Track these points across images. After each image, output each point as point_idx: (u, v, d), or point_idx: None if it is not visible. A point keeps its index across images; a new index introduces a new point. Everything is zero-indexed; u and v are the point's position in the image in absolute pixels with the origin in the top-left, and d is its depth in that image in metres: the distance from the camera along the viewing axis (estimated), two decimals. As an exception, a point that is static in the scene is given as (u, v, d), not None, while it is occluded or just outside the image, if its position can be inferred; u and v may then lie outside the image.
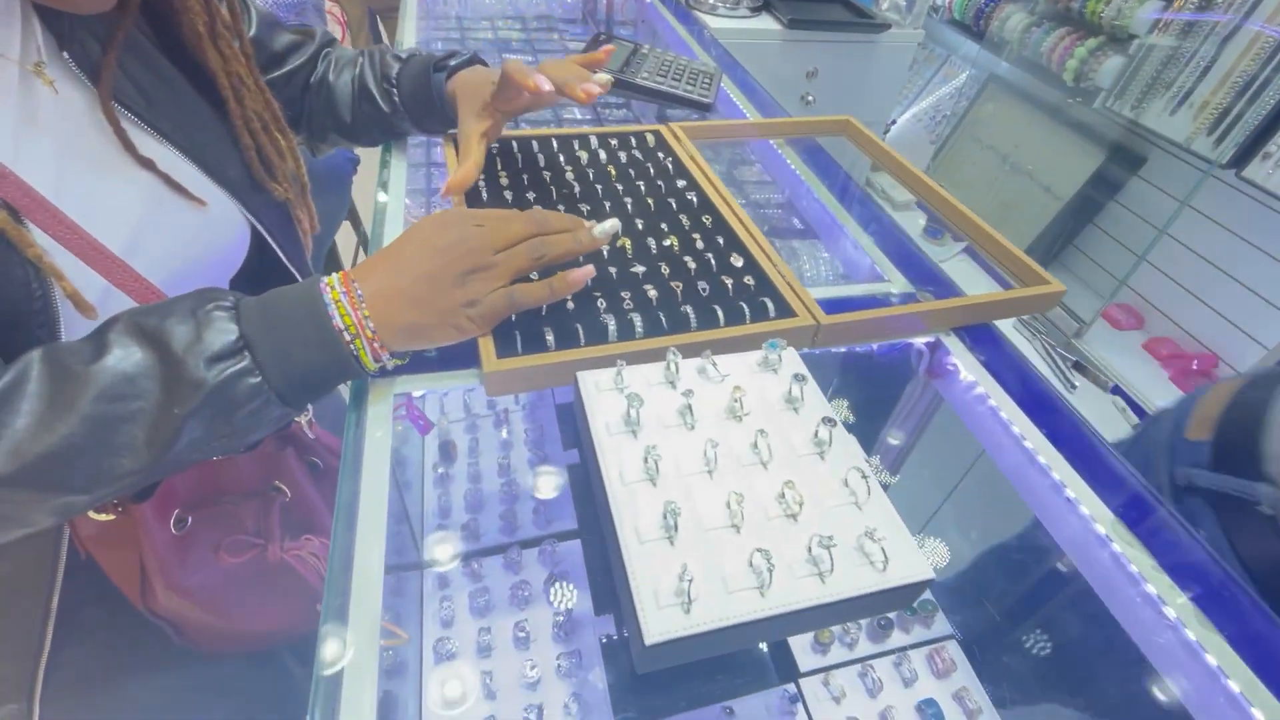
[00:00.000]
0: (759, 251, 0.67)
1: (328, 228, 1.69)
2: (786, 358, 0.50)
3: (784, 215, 1.37)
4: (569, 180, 0.76)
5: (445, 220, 0.49)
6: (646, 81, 1.05)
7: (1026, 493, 0.61)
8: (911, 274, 0.77)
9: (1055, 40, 1.73)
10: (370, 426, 0.50)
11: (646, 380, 0.48)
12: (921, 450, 0.78)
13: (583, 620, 0.70)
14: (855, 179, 1.05)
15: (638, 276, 0.62)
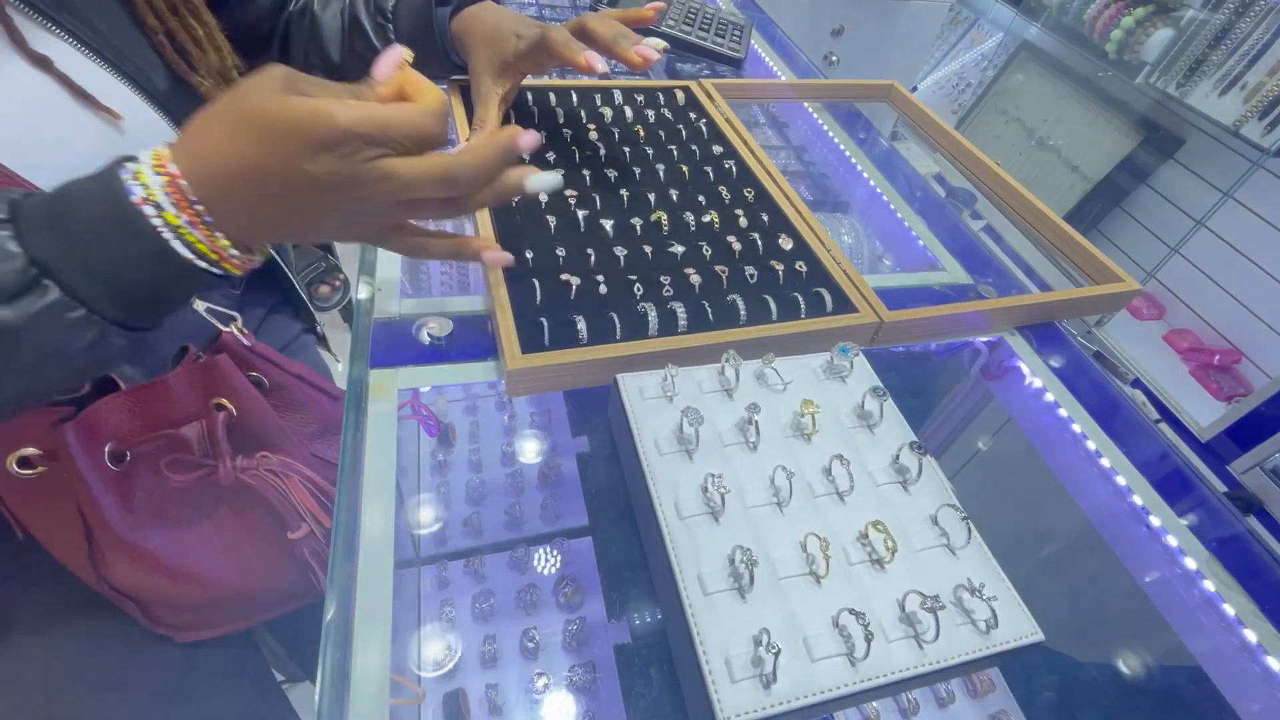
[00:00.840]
0: (809, 233, 0.60)
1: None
2: (858, 365, 0.44)
3: (815, 184, 1.30)
4: (592, 140, 0.68)
5: None
6: (673, 30, 0.96)
7: (1094, 511, 0.56)
8: (967, 262, 0.71)
9: (1100, 8, 1.63)
10: (372, 429, 0.43)
11: (699, 386, 0.42)
12: (972, 456, 0.73)
13: (595, 627, 0.65)
14: (895, 149, 0.97)
15: (676, 258, 0.55)
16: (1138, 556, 0.51)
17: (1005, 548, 0.56)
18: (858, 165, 0.91)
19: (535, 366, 0.43)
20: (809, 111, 1.01)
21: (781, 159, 1.30)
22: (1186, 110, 1.48)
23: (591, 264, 0.53)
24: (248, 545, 0.58)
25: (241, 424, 0.58)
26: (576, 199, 0.58)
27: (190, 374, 0.55)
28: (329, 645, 0.34)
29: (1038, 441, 0.60)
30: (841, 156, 0.95)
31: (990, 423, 0.71)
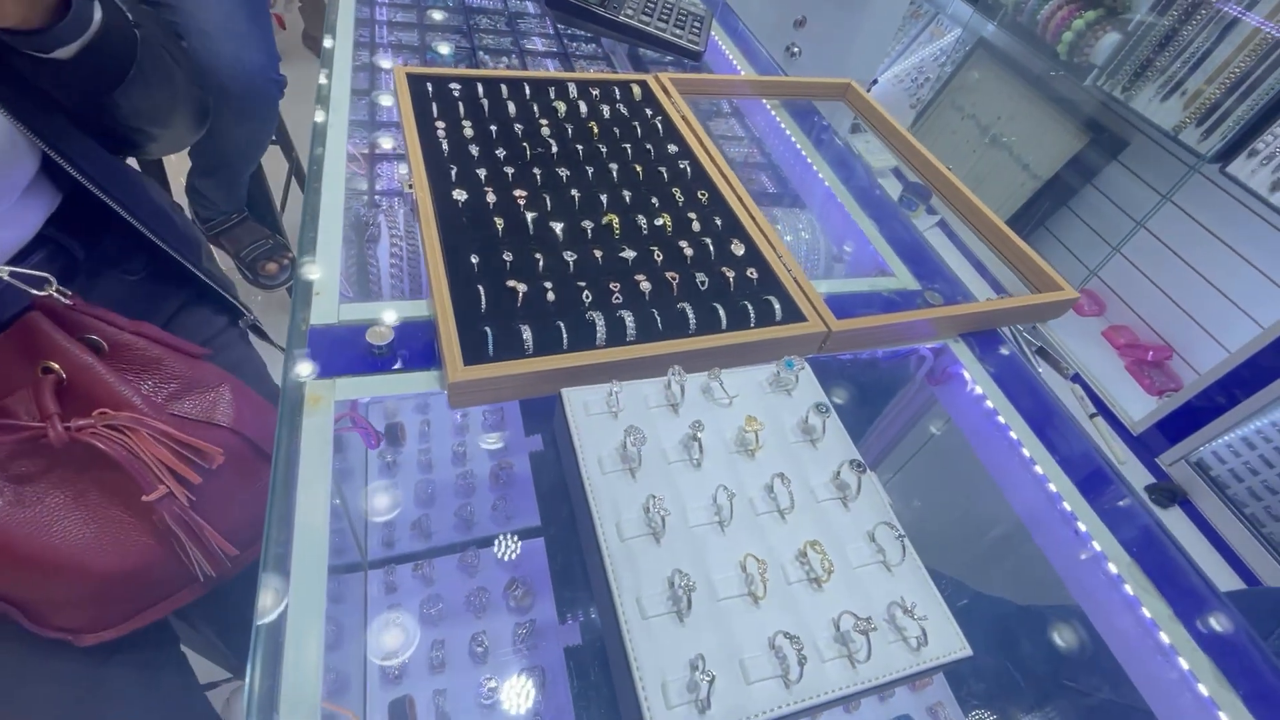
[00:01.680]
0: (761, 239, 0.61)
1: (248, 155, 1.52)
2: (803, 379, 0.45)
3: (771, 178, 1.31)
4: (545, 136, 0.67)
5: None
6: (631, 20, 0.94)
7: (1028, 515, 0.58)
8: (915, 268, 0.72)
9: (1053, 9, 1.68)
10: (307, 443, 0.41)
11: (644, 401, 0.42)
12: (913, 460, 0.75)
13: (545, 629, 0.66)
14: (850, 145, 0.98)
15: (627, 263, 0.55)
16: (1066, 559, 0.54)
17: (941, 550, 0.58)
18: (812, 164, 0.92)
19: (478, 379, 0.42)
20: (767, 106, 1.02)
21: (738, 150, 1.31)
22: (1131, 114, 1.55)
23: (540, 269, 0.52)
24: (112, 518, 0.54)
25: (76, 386, 0.54)
26: (526, 200, 0.57)
27: (4, 342, 0.51)
28: (256, 675, 0.33)
29: (978, 445, 0.62)
30: (796, 153, 0.95)
31: (933, 427, 0.73)
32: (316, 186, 0.59)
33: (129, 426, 0.52)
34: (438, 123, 0.63)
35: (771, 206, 1.23)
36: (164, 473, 0.53)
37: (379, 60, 1.16)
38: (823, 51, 1.79)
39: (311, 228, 0.55)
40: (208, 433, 0.59)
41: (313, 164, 0.62)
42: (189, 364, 0.61)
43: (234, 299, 0.80)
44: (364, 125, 1.03)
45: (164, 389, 0.59)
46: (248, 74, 1.27)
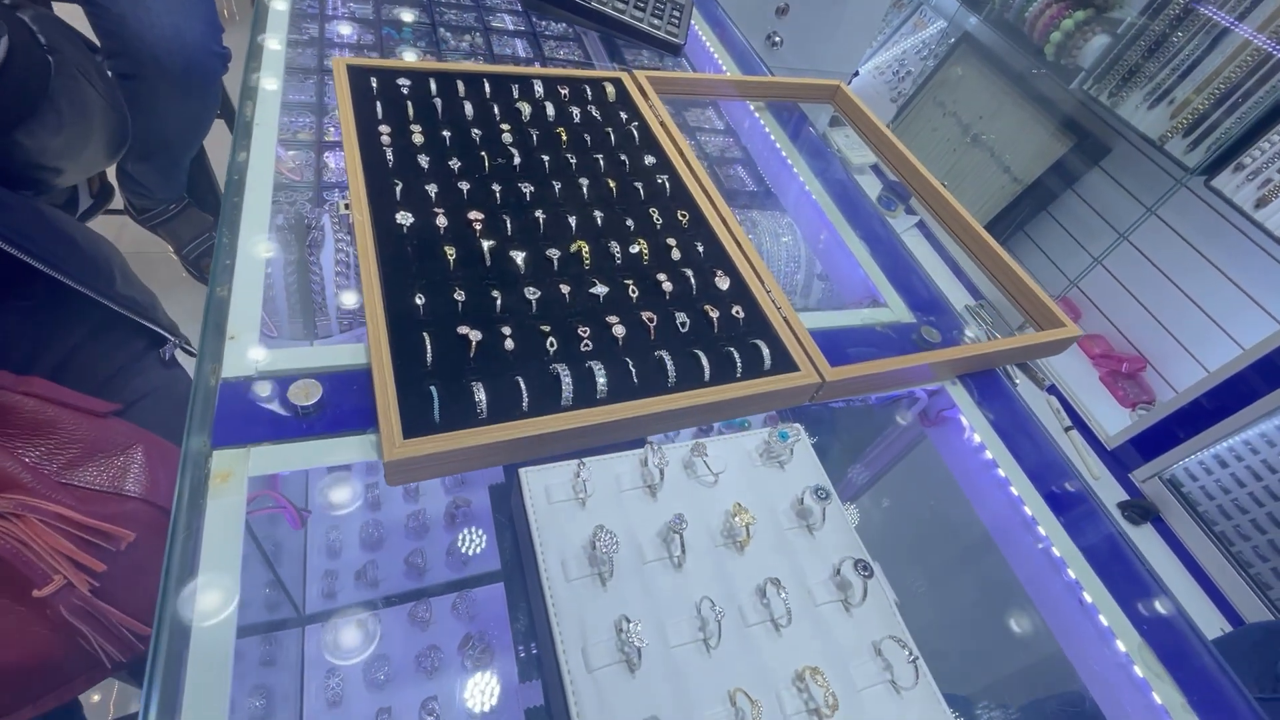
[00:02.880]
0: (748, 270, 0.55)
1: (189, 137, 1.40)
2: (799, 453, 0.40)
3: (746, 174, 1.26)
4: (506, 145, 0.60)
5: None
6: (605, 7, 0.87)
7: (1030, 581, 0.55)
8: (910, 297, 0.68)
9: (1041, 7, 1.65)
10: (211, 529, 0.35)
11: (617, 482, 0.37)
12: (903, 504, 0.72)
13: (505, 690, 0.60)
14: (829, 140, 0.94)
15: (598, 301, 0.49)
16: (1057, 612, 0.51)
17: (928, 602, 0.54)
18: (792, 164, 0.87)
19: (421, 456, 0.36)
20: (748, 104, 0.96)
21: (714, 142, 1.25)
22: (1116, 120, 1.54)
23: (497, 310, 0.46)
24: (1, 609, 0.48)
25: None
26: (483, 224, 0.51)
27: None
28: None
29: (974, 497, 0.59)
30: (774, 149, 0.90)
31: (925, 471, 0.70)
32: (237, 201, 0.52)
33: (15, 514, 0.45)
34: (382, 127, 0.56)
35: (750, 209, 1.18)
36: (61, 562, 0.47)
37: (333, 30, 1.07)
38: (805, 41, 1.74)
39: (228, 253, 0.48)
40: (115, 505, 0.53)
41: (233, 172, 0.54)
42: (92, 423, 0.54)
43: (153, 323, 0.72)
44: (308, 108, 0.94)
45: (59, 456, 0.52)
46: (186, 47, 1.16)
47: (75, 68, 0.55)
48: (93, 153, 0.65)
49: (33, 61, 0.51)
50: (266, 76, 0.63)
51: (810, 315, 0.61)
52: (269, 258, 0.51)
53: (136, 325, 0.70)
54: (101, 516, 0.53)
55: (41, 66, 0.52)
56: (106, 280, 0.68)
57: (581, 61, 1.19)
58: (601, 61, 1.19)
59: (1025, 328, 1.37)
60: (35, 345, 0.62)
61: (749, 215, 1.14)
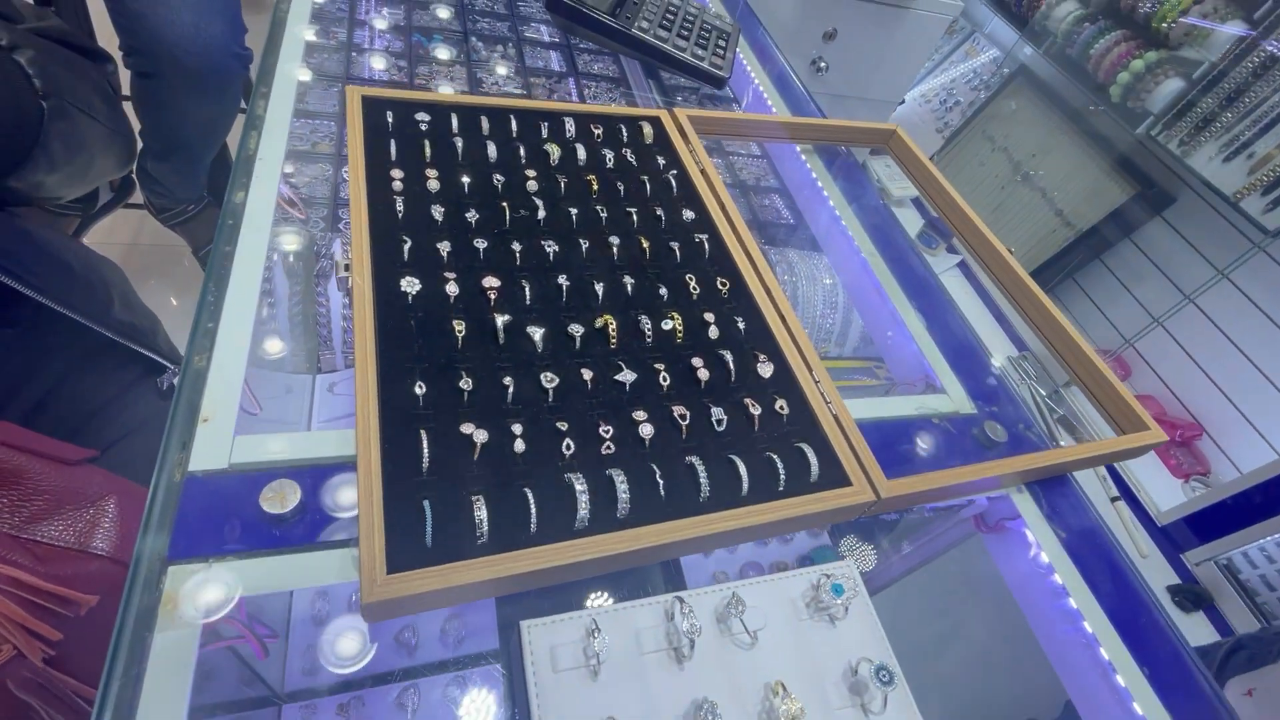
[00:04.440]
0: (794, 354, 0.50)
1: (209, 138, 1.39)
2: (855, 612, 0.34)
3: (782, 206, 1.21)
4: (531, 193, 0.55)
5: None
6: (646, 35, 0.83)
7: (1080, 696, 0.49)
8: (970, 382, 0.63)
9: (1109, 44, 1.59)
10: (154, 679, 0.30)
11: (636, 642, 0.31)
12: (942, 608, 0.66)
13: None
14: (870, 173, 0.88)
15: (624, 390, 0.44)
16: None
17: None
18: (833, 202, 0.82)
19: (405, 596, 0.31)
20: None
21: (749, 168, 1.20)
22: (1185, 170, 1.46)
23: (508, 401, 0.41)
24: None
25: None
26: (499, 292, 0.46)
27: None
28: None
29: (1039, 627, 0.53)
30: (815, 188, 0.85)
31: (972, 574, 0.63)
32: (228, 250, 0.47)
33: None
34: (395, 171, 0.52)
35: (785, 246, 1.13)
36: (13, 630, 0.43)
37: (362, 35, 1.04)
38: (851, 67, 1.68)
39: (211, 314, 0.43)
40: (79, 564, 0.49)
41: (227, 215, 0.50)
42: (62, 473, 0.50)
43: (151, 350, 0.69)
44: (331, 116, 0.90)
45: (23, 509, 0.48)
46: (207, 48, 1.14)
47: (75, 105, 0.52)
48: (95, 176, 0.62)
49: (23, 113, 0.48)
50: (276, 105, 0.59)
51: (858, 403, 0.55)
52: (268, 304, 0.47)
53: (131, 352, 0.67)
54: (63, 577, 0.49)
55: (34, 116, 0.50)
56: (102, 305, 0.65)
57: (616, 78, 1.15)
58: (637, 80, 1.15)
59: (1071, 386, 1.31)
60: (17, 375, 0.58)
61: (784, 253, 1.09)
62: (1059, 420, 1.50)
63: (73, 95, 0.51)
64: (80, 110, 0.53)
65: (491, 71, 1.12)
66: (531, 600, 0.39)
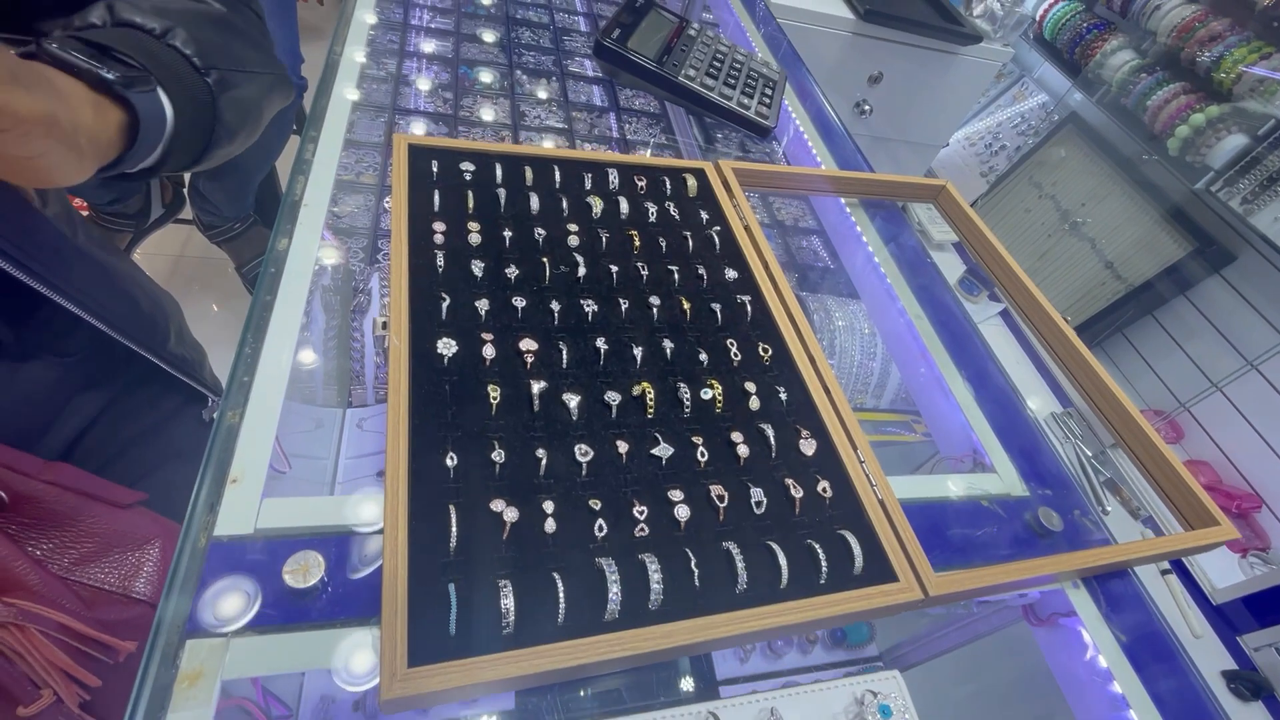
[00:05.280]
0: (839, 431, 0.48)
1: (262, 159, 1.44)
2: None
3: (820, 246, 1.20)
4: (571, 249, 0.55)
5: None
6: (693, 83, 0.83)
7: None
8: (1023, 462, 0.60)
9: (1167, 96, 1.56)
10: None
11: (667, 758, 0.29)
12: (995, 713, 0.62)
13: None
14: (909, 216, 0.86)
15: (660, 465, 0.43)
16: None
17: None
18: (872, 247, 0.80)
19: (425, 694, 0.30)
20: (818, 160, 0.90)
21: (788, 209, 1.19)
22: (1247, 230, 1.42)
23: (541, 473, 0.40)
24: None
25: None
26: (536, 356, 0.46)
27: None
28: None
29: (1083, 715, 0.49)
30: (854, 232, 0.84)
31: (1026, 676, 0.60)
32: (269, 300, 0.48)
33: (15, 624, 0.42)
34: (437, 224, 0.52)
35: (823, 292, 1.11)
36: (56, 676, 0.43)
37: (410, 67, 1.06)
38: (895, 110, 1.68)
39: (247, 368, 0.43)
40: (121, 609, 0.49)
41: (269, 264, 0.50)
42: (113, 515, 0.51)
43: (198, 381, 0.70)
44: (374, 147, 0.92)
45: (72, 550, 0.50)
46: None
47: (232, 69, 0.51)
48: (264, 124, 0.61)
49: (197, 101, 0.48)
50: (325, 148, 0.60)
51: (901, 480, 0.53)
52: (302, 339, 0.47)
53: (175, 380, 0.68)
54: (105, 622, 0.49)
55: (205, 100, 0.48)
56: (160, 338, 0.66)
57: (656, 113, 1.15)
58: (677, 117, 1.15)
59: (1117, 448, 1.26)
60: (64, 402, 0.59)
61: (822, 300, 1.07)
62: (1105, 483, 1.44)
63: (229, 59, 0.50)
64: (239, 71, 0.53)
65: (534, 105, 1.14)
66: (554, 689, 0.37)
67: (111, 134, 0.41)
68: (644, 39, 0.85)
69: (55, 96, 0.36)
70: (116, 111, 0.41)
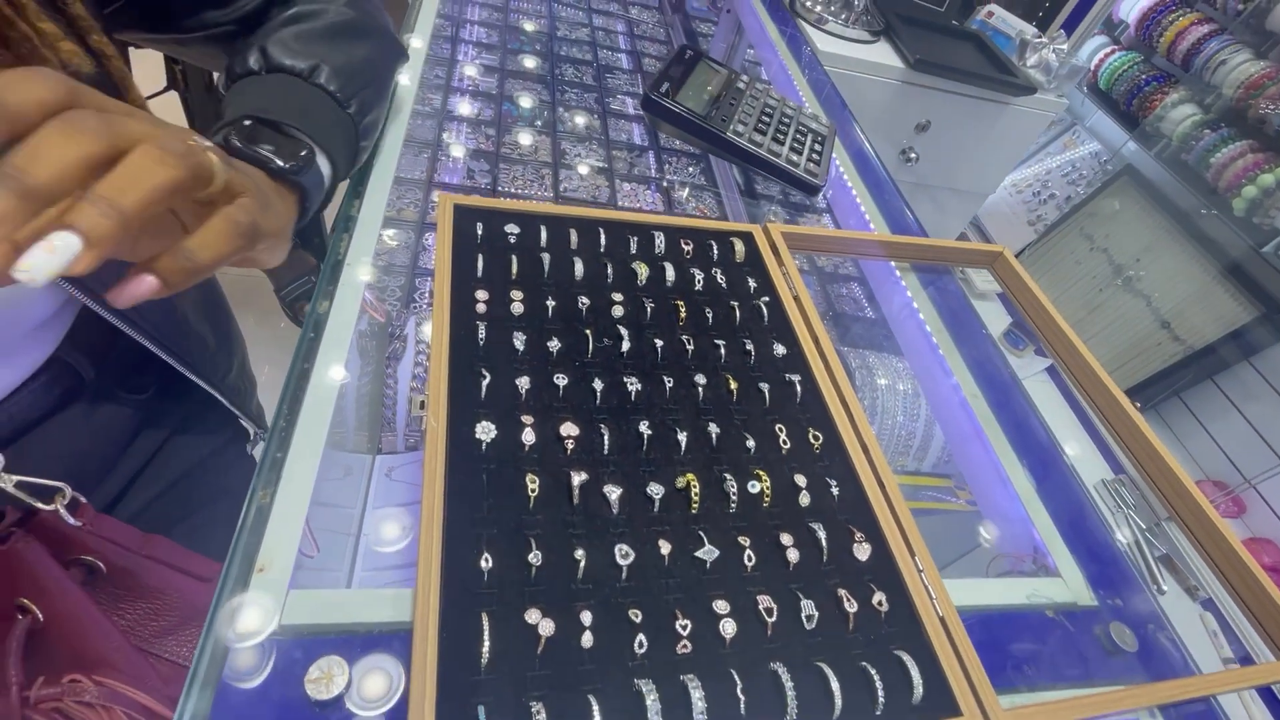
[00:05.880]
0: (896, 535, 0.46)
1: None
2: None
3: (861, 294, 1.17)
4: (614, 320, 0.54)
5: None
6: (741, 139, 0.82)
7: None
8: (1092, 567, 0.56)
9: (1234, 154, 1.51)
10: None
11: None
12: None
13: None
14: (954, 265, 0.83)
15: (704, 568, 0.40)
16: None
17: None
18: (931, 330, 0.77)
19: (450, 841, 0.28)
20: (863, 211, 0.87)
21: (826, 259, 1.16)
22: (1318, 297, 1.36)
23: (578, 579, 0.38)
24: None
25: (52, 630, 0.45)
26: (576, 442, 0.44)
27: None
28: None
29: None
30: (896, 282, 0.81)
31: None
32: (306, 368, 0.47)
33: (104, 705, 0.43)
34: (479, 292, 0.51)
35: (863, 347, 1.08)
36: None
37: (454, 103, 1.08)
38: (943, 158, 1.65)
39: (281, 442, 0.42)
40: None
41: (308, 328, 0.49)
42: (195, 588, 0.52)
43: (245, 414, 0.70)
44: (416, 184, 0.93)
45: (154, 623, 0.51)
46: None
47: (362, 85, 0.54)
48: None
49: (347, 145, 0.52)
50: (370, 206, 0.60)
51: (959, 584, 0.50)
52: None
53: (228, 413, 0.68)
54: (175, 699, 0.49)
55: (353, 139, 0.53)
56: (223, 372, 0.66)
57: (696, 154, 1.15)
58: (720, 163, 1.14)
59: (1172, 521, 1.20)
60: (132, 440, 0.60)
61: (863, 356, 1.04)
62: (1160, 559, 1.37)
63: (365, 75, 0.53)
64: (374, 84, 0.55)
65: (575, 142, 1.15)
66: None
67: (294, 212, 0.44)
68: (693, 93, 0.84)
69: (268, 205, 0.38)
70: (292, 193, 0.44)
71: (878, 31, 1.45)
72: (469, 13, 1.38)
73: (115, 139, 0.27)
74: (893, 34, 1.46)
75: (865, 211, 0.93)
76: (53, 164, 0.25)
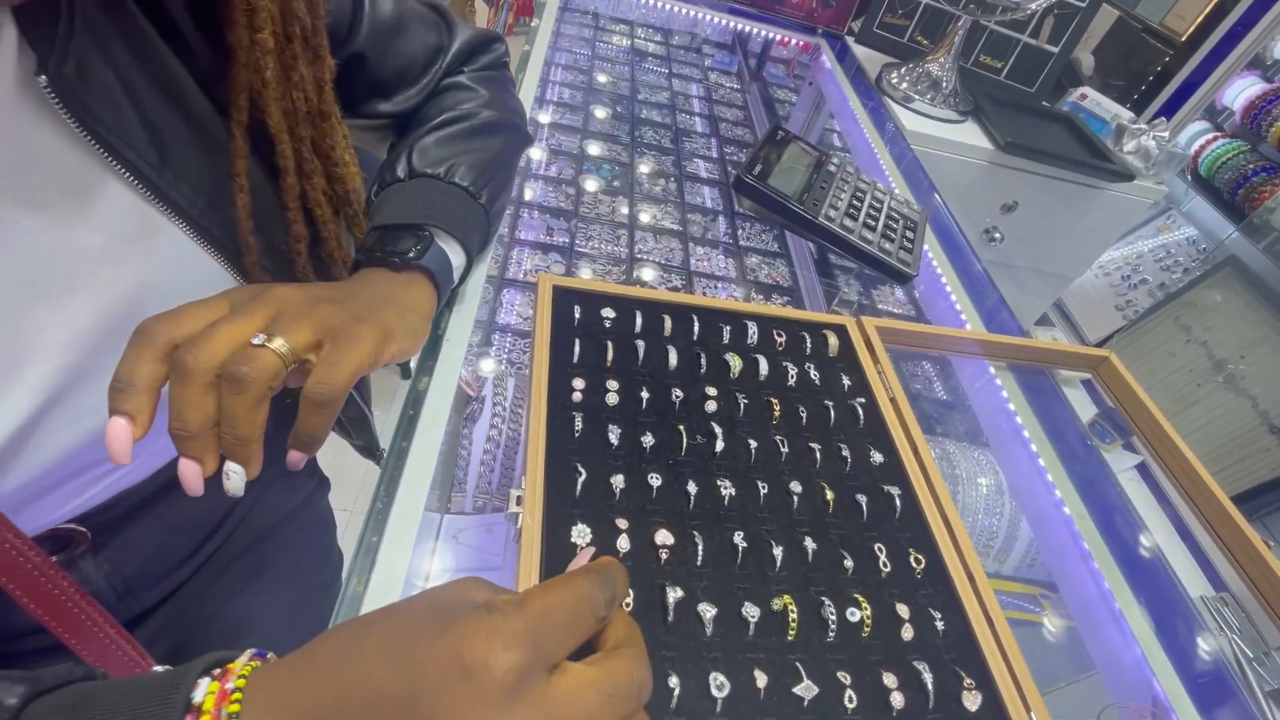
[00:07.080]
0: (1009, 684, 0.42)
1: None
2: None
3: (935, 382, 1.14)
4: (708, 416, 0.53)
5: None
6: (833, 224, 0.82)
7: None
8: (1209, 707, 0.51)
9: (1353, 255, 1.42)
10: None
11: None
12: None
13: None
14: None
15: (802, 707, 0.38)
16: None
17: None
18: (1022, 421, 0.73)
19: None
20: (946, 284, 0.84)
21: None
22: None
23: (672, 707, 0.36)
24: None
25: None
26: (670, 551, 0.43)
27: None
28: None
29: None
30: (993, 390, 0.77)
31: None
32: (404, 446, 0.48)
33: None
34: (575, 381, 0.51)
35: (940, 434, 1.04)
36: None
37: (537, 164, 1.11)
38: (1029, 239, 1.61)
39: (378, 525, 0.43)
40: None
41: (408, 405, 0.50)
42: None
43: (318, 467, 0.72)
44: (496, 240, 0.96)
45: None
46: None
47: (501, 170, 0.60)
48: None
49: (478, 229, 0.55)
50: (471, 283, 0.62)
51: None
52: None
53: (313, 464, 0.71)
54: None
55: (483, 222, 0.56)
56: None
57: (778, 258, 1.15)
58: (798, 245, 1.14)
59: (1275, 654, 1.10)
60: (232, 509, 0.61)
61: (941, 443, 1.00)
62: (1271, 694, 1.24)
63: (486, 169, 0.56)
64: (504, 172, 0.60)
65: (651, 204, 1.17)
66: None
67: (430, 293, 0.48)
68: (785, 176, 0.85)
69: (399, 315, 0.42)
70: (423, 277, 0.48)
71: (966, 112, 1.45)
72: (554, 74, 1.45)
73: None
74: (981, 115, 1.45)
75: (954, 297, 0.90)
76: None
